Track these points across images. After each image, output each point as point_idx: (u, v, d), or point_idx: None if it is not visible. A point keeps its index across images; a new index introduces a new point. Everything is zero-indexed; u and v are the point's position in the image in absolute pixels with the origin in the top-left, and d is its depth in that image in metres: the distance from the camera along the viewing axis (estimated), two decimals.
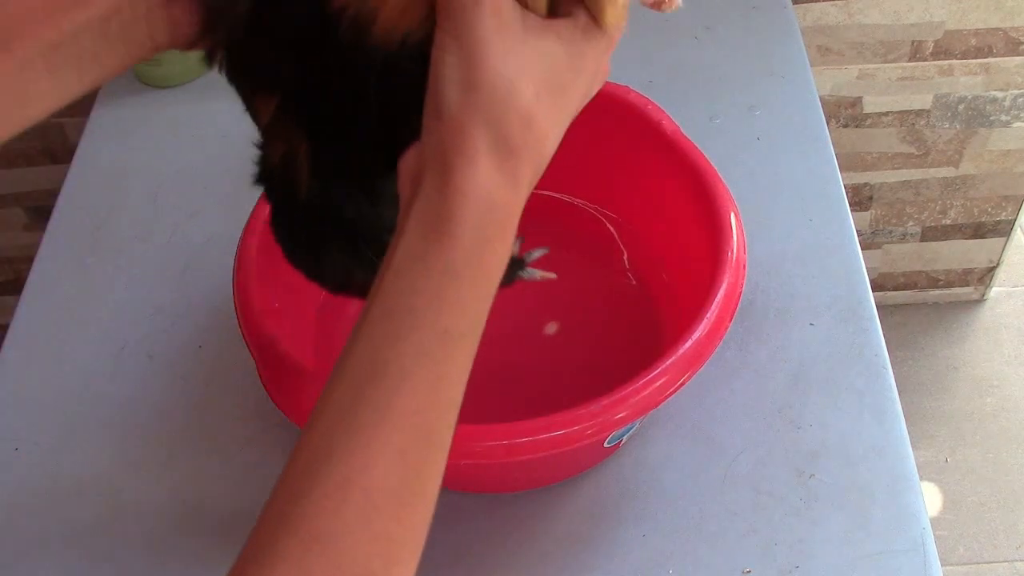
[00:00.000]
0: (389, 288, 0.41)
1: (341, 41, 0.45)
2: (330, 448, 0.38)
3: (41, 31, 0.44)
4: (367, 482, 0.38)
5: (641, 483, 0.71)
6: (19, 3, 0.44)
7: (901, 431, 0.72)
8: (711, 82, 1.00)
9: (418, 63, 0.43)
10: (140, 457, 0.75)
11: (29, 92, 0.45)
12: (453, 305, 0.40)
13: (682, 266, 0.75)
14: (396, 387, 0.39)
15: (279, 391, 0.61)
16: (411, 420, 0.39)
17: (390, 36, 0.44)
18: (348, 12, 0.44)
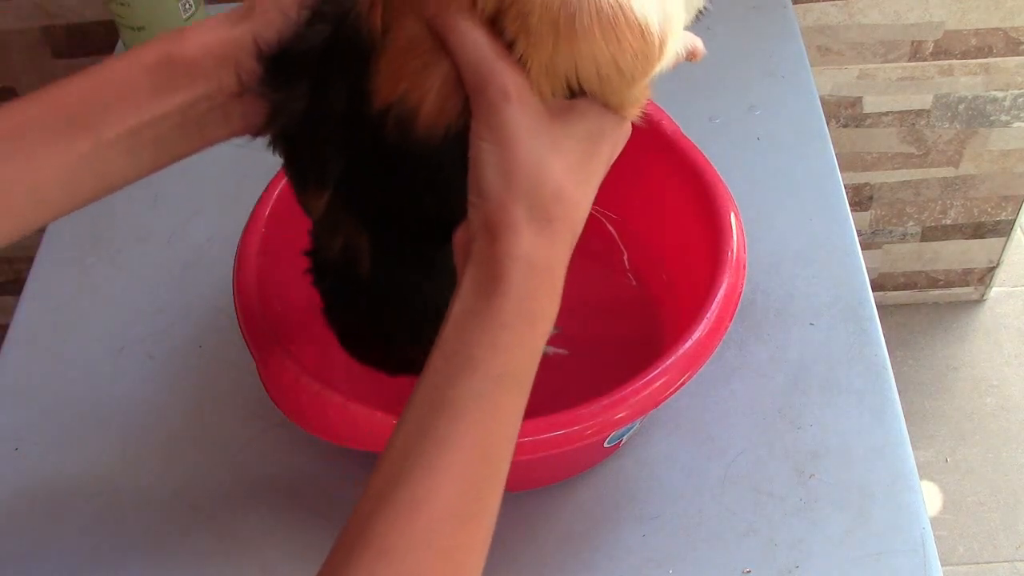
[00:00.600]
0: (448, 338, 0.46)
1: (388, 139, 0.49)
2: (398, 474, 0.43)
3: (124, 117, 0.49)
4: (432, 504, 0.42)
5: (641, 483, 0.71)
6: (106, 90, 0.49)
7: (901, 431, 0.72)
8: (711, 82, 1.00)
9: (461, 151, 0.48)
10: (140, 457, 0.75)
11: (107, 170, 0.50)
12: (504, 352, 0.45)
13: (682, 266, 0.75)
14: (455, 421, 0.44)
15: (279, 391, 0.61)
16: (470, 451, 0.44)
17: (433, 131, 0.48)
18: (391, 112, 0.48)
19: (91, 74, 0.50)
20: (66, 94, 0.50)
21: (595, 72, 0.48)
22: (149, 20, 1.00)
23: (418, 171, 0.50)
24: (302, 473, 0.73)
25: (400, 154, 0.49)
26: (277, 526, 0.71)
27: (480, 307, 0.46)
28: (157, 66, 0.49)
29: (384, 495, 0.43)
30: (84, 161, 0.49)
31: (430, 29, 0.47)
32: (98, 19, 1.19)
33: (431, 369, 0.46)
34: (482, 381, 0.45)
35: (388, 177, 0.51)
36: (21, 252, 1.53)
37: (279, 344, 0.62)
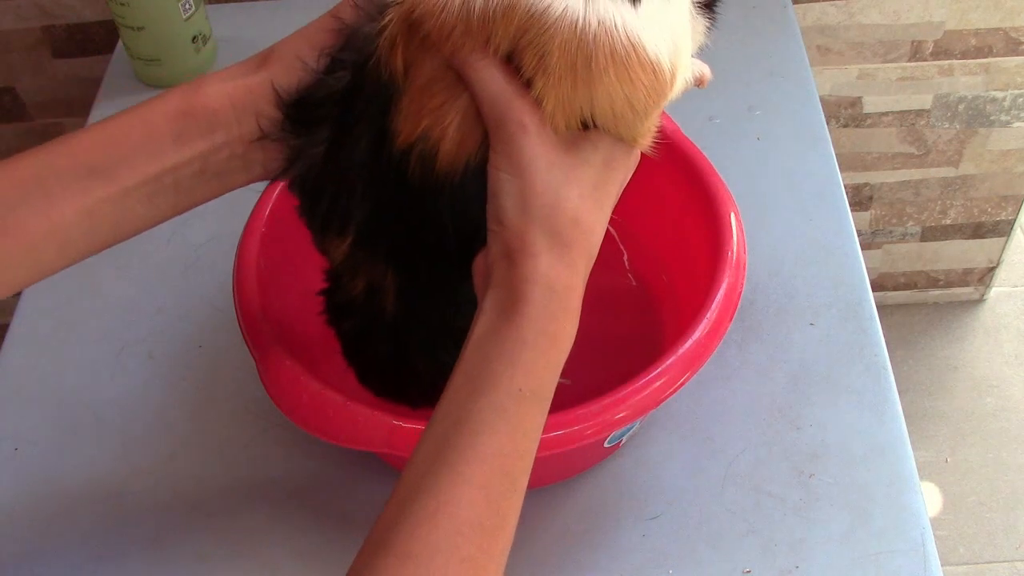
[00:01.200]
0: (470, 357, 0.48)
1: (411, 176, 0.51)
2: (421, 484, 0.44)
3: (145, 166, 0.51)
4: (454, 512, 0.44)
5: (641, 483, 0.71)
6: (127, 138, 0.51)
7: (901, 431, 0.72)
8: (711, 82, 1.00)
9: (482, 183, 0.50)
10: (140, 457, 0.75)
11: (126, 217, 0.52)
12: (525, 369, 0.47)
13: (682, 266, 0.75)
14: (477, 434, 0.45)
15: (279, 391, 0.61)
16: (490, 462, 0.45)
17: (454, 165, 0.50)
18: (415, 150, 0.50)
19: (112, 123, 0.52)
20: (88, 142, 0.51)
21: (610, 110, 0.49)
22: (149, 20, 1.00)
23: (442, 205, 0.51)
24: (302, 473, 0.73)
25: (424, 189, 0.51)
26: (277, 526, 0.71)
27: (501, 327, 0.47)
28: (177, 115, 0.51)
29: (408, 503, 0.44)
30: (104, 207, 0.51)
31: (450, 66, 0.49)
32: (98, 19, 1.19)
33: (453, 386, 0.47)
34: (503, 396, 0.46)
35: (413, 213, 0.52)
36: None
37: (279, 344, 0.62)
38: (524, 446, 0.47)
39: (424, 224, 0.53)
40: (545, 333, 0.48)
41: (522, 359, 0.47)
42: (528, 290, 0.48)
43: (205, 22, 1.04)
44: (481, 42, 0.48)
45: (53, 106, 1.29)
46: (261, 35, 1.10)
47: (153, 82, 1.05)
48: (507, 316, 0.48)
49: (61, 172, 0.50)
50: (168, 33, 1.01)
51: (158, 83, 1.05)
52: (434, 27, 0.49)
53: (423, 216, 0.52)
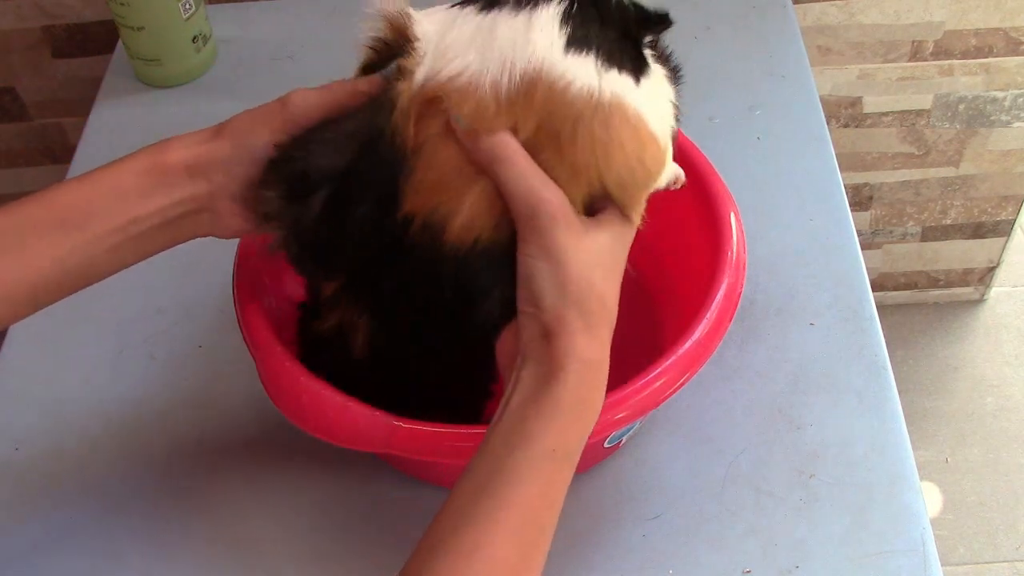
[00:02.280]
0: (508, 419, 0.52)
1: (411, 241, 0.55)
2: (458, 524, 0.48)
3: (113, 217, 0.56)
4: (489, 551, 0.47)
5: (641, 483, 0.71)
6: (98, 193, 0.57)
7: (901, 431, 0.72)
8: (711, 82, 1.00)
9: (486, 259, 0.54)
10: (140, 457, 0.75)
11: (93, 265, 0.57)
12: (558, 432, 0.51)
13: (682, 266, 0.75)
14: (512, 485, 0.49)
15: (279, 391, 0.61)
16: (523, 510, 0.49)
17: (462, 240, 0.54)
18: (417, 220, 0.54)
19: (86, 178, 0.57)
20: (64, 196, 0.57)
21: (620, 176, 0.55)
22: (149, 20, 1.00)
23: (444, 272, 0.55)
24: (302, 473, 0.73)
25: (427, 256, 0.55)
26: (277, 526, 0.71)
27: (539, 395, 0.52)
28: (143, 172, 0.57)
29: (445, 540, 0.48)
30: (74, 257, 0.56)
31: (472, 160, 0.53)
32: (98, 19, 1.19)
33: (492, 441, 0.51)
34: (538, 454, 0.50)
35: (408, 274, 0.56)
36: None
37: (279, 344, 0.62)
38: (553, 500, 0.51)
39: (418, 284, 0.56)
40: (580, 401, 0.52)
41: (557, 423, 0.51)
42: (566, 364, 0.52)
43: (205, 22, 1.04)
44: (509, 124, 0.53)
45: (53, 106, 1.29)
46: (261, 35, 1.11)
47: (153, 82, 1.05)
48: (547, 385, 0.52)
49: (38, 224, 0.56)
50: (168, 33, 1.01)
51: (158, 83, 1.05)
52: (473, 110, 0.52)
53: (420, 278, 0.56)
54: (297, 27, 1.11)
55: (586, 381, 0.53)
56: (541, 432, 0.51)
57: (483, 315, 0.56)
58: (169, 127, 1.02)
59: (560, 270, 0.53)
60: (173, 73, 1.04)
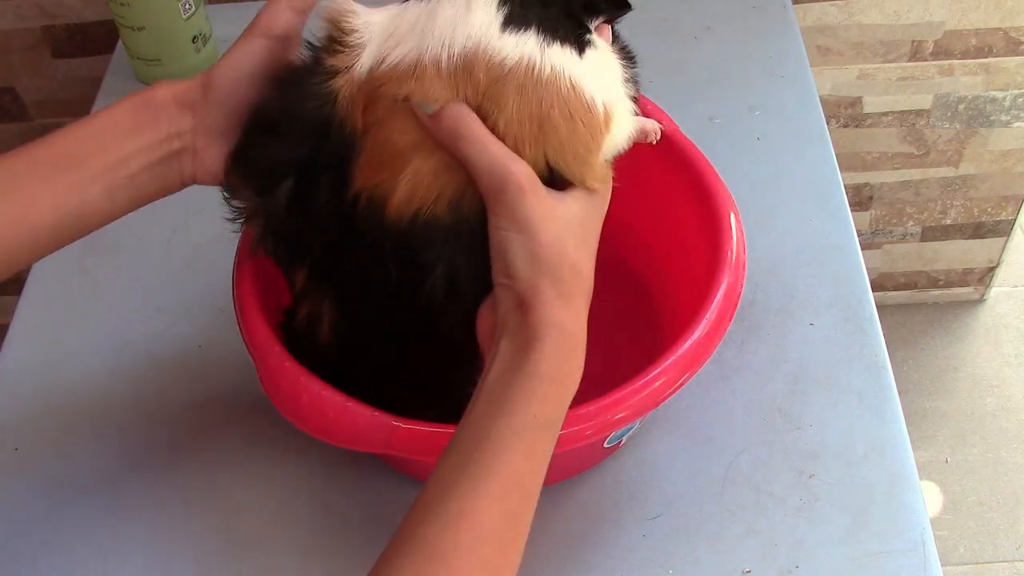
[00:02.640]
0: (489, 388, 0.52)
1: (359, 220, 0.56)
2: (446, 492, 0.49)
3: (105, 155, 0.58)
4: (476, 518, 0.48)
5: (641, 483, 0.71)
6: (92, 133, 0.58)
7: (901, 431, 0.72)
8: (711, 82, 1.00)
9: (427, 234, 0.55)
10: (140, 457, 0.75)
11: (87, 210, 0.58)
12: (540, 400, 0.51)
13: (682, 266, 0.75)
14: (496, 452, 0.50)
15: (278, 392, 0.61)
16: (508, 478, 0.49)
17: (402, 214, 0.55)
18: (363, 197, 0.56)
19: (83, 121, 0.59)
20: (61, 140, 0.58)
21: (559, 147, 0.55)
22: (149, 20, 1.00)
23: (387, 248, 0.56)
24: (302, 473, 0.73)
25: (371, 233, 0.56)
26: (277, 526, 0.71)
27: (518, 364, 0.52)
28: (132, 109, 0.59)
29: (432, 510, 0.48)
30: (70, 200, 0.57)
31: (435, 137, 0.54)
32: (98, 19, 1.19)
33: (474, 412, 0.52)
34: (521, 422, 0.51)
35: (359, 253, 0.57)
36: None
37: (279, 344, 0.62)
38: (537, 467, 0.51)
39: (369, 264, 0.57)
40: (559, 369, 0.53)
41: (538, 391, 0.51)
42: (544, 333, 0.52)
43: (205, 22, 1.04)
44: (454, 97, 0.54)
45: (53, 106, 1.29)
46: None
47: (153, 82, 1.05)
48: (524, 355, 0.52)
49: (35, 168, 0.57)
50: (168, 33, 1.01)
51: None
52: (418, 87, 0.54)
53: (368, 256, 0.57)
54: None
55: (563, 349, 0.53)
56: (522, 401, 0.51)
57: (428, 293, 0.57)
58: None
59: (531, 240, 0.53)
60: (173, 73, 1.04)
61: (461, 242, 0.56)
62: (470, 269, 0.56)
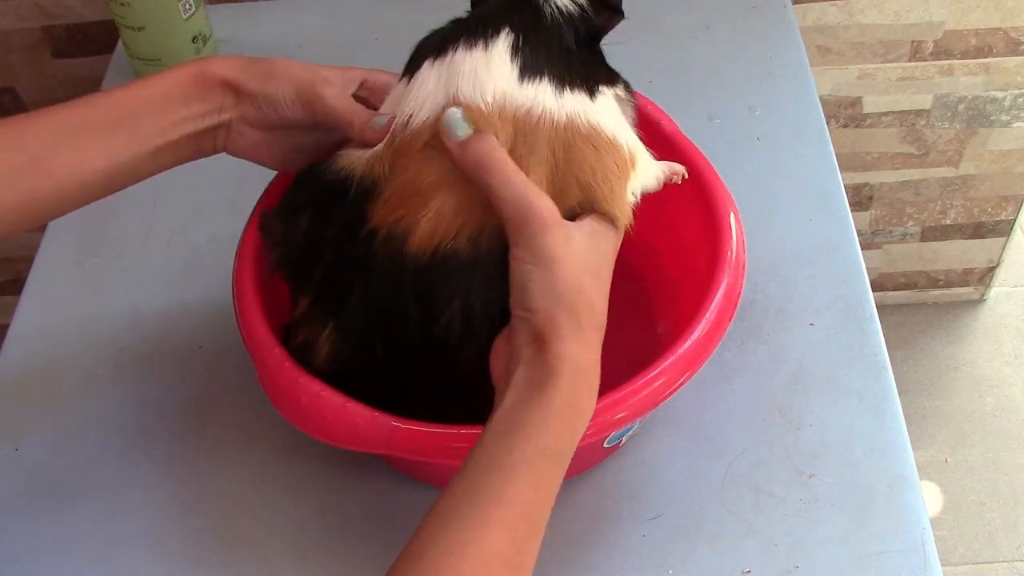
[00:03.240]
0: (502, 418, 0.52)
1: (375, 254, 0.58)
2: (453, 518, 0.49)
3: (158, 119, 0.62)
4: (482, 546, 0.48)
5: (641, 483, 0.71)
6: (148, 97, 0.62)
7: (901, 431, 0.72)
8: (711, 82, 1.00)
9: (446, 268, 0.57)
10: (140, 457, 0.75)
11: (137, 164, 0.62)
12: (553, 434, 0.52)
13: (682, 266, 0.75)
14: (507, 482, 0.50)
15: (278, 392, 0.61)
16: (517, 508, 0.50)
17: (423, 248, 0.57)
18: (381, 231, 0.57)
19: (136, 84, 0.63)
20: (116, 99, 0.62)
21: (590, 179, 0.58)
22: (149, 20, 1.00)
23: (406, 281, 0.57)
24: (301, 474, 0.73)
25: (389, 267, 0.57)
26: (276, 526, 0.71)
27: (533, 397, 0.53)
28: (187, 80, 0.63)
29: (439, 533, 0.49)
30: (123, 155, 0.61)
31: (460, 167, 0.56)
32: (98, 19, 1.19)
33: (485, 441, 0.52)
34: (532, 454, 0.51)
35: (373, 287, 0.58)
36: (21, 252, 1.53)
37: (279, 344, 0.62)
38: (545, 499, 0.52)
39: (382, 297, 0.58)
40: (571, 404, 0.53)
41: (552, 425, 0.52)
42: (559, 367, 0.53)
43: (205, 22, 1.04)
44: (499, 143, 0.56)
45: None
46: (261, 35, 1.11)
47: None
48: (539, 388, 0.53)
49: (91, 123, 0.61)
50: (168, 33, 1.01)
51: None
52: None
53: (383, 290, 0.58)
54: (297, 27, 1.11)
55: (577, 384, 0.54)
56: (535, 433, 0.51)
57: (445, 326, 0.57)
58: None
59: (551, 274, 0.54)
60: None
61: (478, 277, 0.57)
62: (485, 305, 0.57)
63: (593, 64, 0.62)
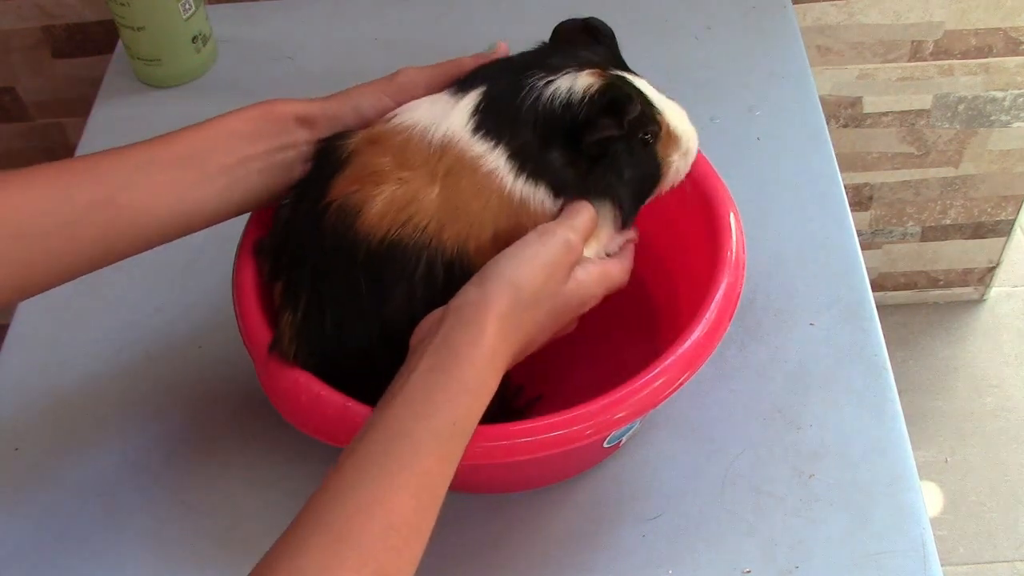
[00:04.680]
0: (415, 383, 0.53)
1: (327, 226, 0.60)
2: (361, 479, 0.50)
3: (225, 156, 0.63)
4: (389, 507, 0.49)
5: (641, 483, 0.71)
6: (214, 135, 0.63)
7: (901, 431, 0.72)
8: (711, 82, 1.00)
9: (392, 254, 0.59)
10: (140, 458, 0.75)
11: (205, 204, 0.63)
12: (462, 408, 0.53)
13: (682, 266, 0.75)
14: (415, 450, 0.51)
15: (278, 392, 0.61)
16: (422, 477, 0.51)
17: (372, 233, 0.59)
18: (334, 204, 0.60)
19: (204, 124, 0.64)
20: (184, 138, 0.63)
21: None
22: (149, 20, 1.00)
23: (359, 258, 0.59)
24: (301, 474, 0.73)
25: (339, 242, 0.60)
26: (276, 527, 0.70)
27: (449, 366, 0.54)
28: (255, 118, 0.64)
29: (345, 491, 0.49)
30: (191, 193, 0.62)
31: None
32: (98, 19, 1.19)
33: (393, 406, 0.52)
34: (441, 426, 0.52)
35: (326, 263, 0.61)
36: None
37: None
38: (447, 472, 0.53)
39: (334, 273, 0.60)
40: (482, 384, 0.54)
41: (461, 400, 0.53)
42: (483, 344, 0.54)
43: (205, 22, 1.04)
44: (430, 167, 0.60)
45: (53, 106, 1.29)
46: (261, 35, 1.11)
47: (153, 82, 1.05)
48: (455, 362, 0.54)
49: (161, 161, 0.62)
50: (168, 33, 1.01)
51: (158, 83, 1.05)
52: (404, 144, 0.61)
53: (335, 266, 0.60)
54: (297, 27, 1.11)
55: (491, 367, 0.55)
56: (446, 406, 0.53)
57: (393, 310, 0.59)
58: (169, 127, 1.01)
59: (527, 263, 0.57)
60: (173, 73, 1.04)
61: (420, 269, 0.59)
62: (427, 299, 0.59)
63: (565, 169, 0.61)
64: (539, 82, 0.61)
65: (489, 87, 0.62)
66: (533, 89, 0.60)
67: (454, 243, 0.59)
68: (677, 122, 0.65)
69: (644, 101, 0.63)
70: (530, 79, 0.61)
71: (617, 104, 0.60)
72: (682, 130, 0.65)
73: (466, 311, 0.55)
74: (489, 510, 0.70)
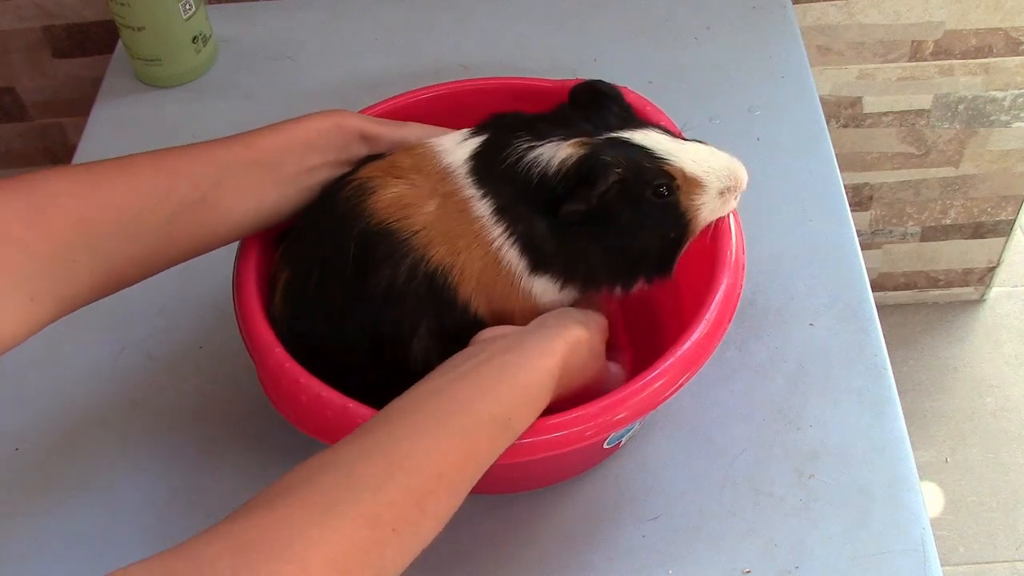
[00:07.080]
0: (482, 370, 0.55)
1: (340, 199, 0.64)
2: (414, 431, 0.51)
3: (299, 162, 0.65)
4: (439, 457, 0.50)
5: (641, 483, 0.71)
6: (292, 140, 0.65)
7: (901, 431, 0.72)
8: (711, 82, 1.00)
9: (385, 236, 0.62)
10: (140, 458, 0.75)
11: (283, 205, 0.65)
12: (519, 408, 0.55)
13: (682, 266, 0.75)
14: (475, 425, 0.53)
15: (278, 393, 0.61)
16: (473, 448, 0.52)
17: (375, 214, 0.62)
18: (356, 182, 0.64)
19: (279, 127, 0.66)
20: (264, 140, 0.65)
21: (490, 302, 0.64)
22: (149, 20, 1.00)
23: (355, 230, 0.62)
24: None
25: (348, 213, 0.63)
26: None
27: (517, 367, 0.56)
28: (327, 130, 0.67)
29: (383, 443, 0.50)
30: (268, 194, 0.64)
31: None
32: (98, 19, 1.19)
33: (459, 382, 0.54)
34: (500, 413, 0.54)
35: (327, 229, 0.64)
36: None
37: (279, 344, 0.62)
38: (487, 462, 0.53)
39: (331, 236, 0.63)
40: (541, 395, 0.57)
41: (521, 401, 0.55)
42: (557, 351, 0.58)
43: (205, 22, 1.04)
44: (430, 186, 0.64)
45: (53, 106, 1.29)
46: (261, 35, 1.11)
47: (153, 82, 1.05)
48: (527, 364, 0.56)
49: (243, 163, 0.63)
50: (168, 33, 1.01)
51: (158, 83, 1.05)
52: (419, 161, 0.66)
53: (334, 230, 0.63)
54: (297, 27, 1.11)
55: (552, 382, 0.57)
56: (506, 396, 0.54)
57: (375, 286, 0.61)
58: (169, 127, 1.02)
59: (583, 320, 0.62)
60: (173, 73, 1.04)
61: (406, 263, 0.61)
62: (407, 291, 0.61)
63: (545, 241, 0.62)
64: (523, 145, 0.62)
65: (491, 136, 0.65)
66: (515, 151, 0.62)
67: (438, 262, 0.61)
68: (694, 165, 0.63)
69: (645, 157, 0.62)
70: (516, 141, 0.63)
71: (592, 176, 0.60)
72: (703, 171, 0.64)
73: (544, 326, 0.59)
74: (489, 510, 0.70)
